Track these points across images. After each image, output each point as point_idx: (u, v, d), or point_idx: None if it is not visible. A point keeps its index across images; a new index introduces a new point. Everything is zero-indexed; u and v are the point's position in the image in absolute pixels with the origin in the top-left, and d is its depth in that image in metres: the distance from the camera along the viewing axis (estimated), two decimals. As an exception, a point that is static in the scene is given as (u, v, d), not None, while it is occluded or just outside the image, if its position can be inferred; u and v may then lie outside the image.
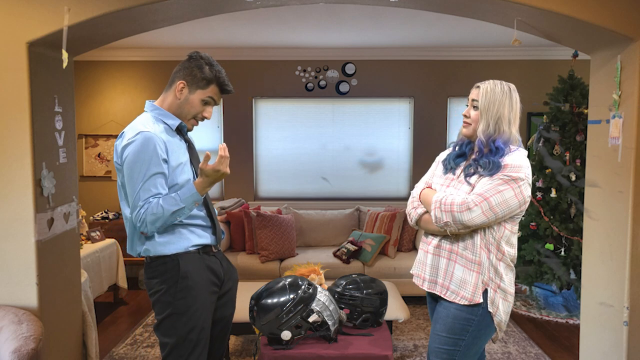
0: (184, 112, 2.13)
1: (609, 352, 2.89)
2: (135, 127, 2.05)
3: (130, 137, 2.01)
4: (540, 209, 4.70)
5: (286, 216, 5.24)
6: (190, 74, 2.10)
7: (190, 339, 2.06)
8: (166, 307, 2.05)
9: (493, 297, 2.00)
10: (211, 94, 2.13)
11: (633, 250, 2.74)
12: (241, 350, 3.92)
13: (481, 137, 2.06)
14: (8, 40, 2.56)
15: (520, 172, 1.98)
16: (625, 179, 2.76)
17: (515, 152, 2.05)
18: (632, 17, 2.64)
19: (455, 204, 1.98)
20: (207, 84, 2.11)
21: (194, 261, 2.07)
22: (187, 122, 2.17)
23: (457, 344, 2.02)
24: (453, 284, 2.04)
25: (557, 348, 4.00)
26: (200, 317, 2.07)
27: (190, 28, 4.62)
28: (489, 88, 2.08)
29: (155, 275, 2.07)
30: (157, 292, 2.06)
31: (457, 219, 1.97)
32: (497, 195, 1.95)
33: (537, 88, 5.68)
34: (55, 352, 2.81)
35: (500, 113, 2.05)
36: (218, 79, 2.12)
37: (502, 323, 2.03)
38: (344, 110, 6.05)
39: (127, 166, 2.00)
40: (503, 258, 2.01)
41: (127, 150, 2.00)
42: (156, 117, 2.13)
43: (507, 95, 2.07)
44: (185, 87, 2.10)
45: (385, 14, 4.20)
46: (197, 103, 2.12)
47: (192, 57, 2.13)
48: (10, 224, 2.63)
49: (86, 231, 4.66)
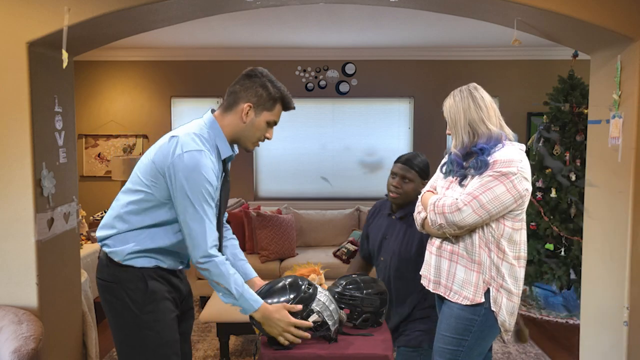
0: (249, 135, 1.99)
1: (609, 352, 2.89)
2: (194, 138, 1.88)
3: (190, 148, 1.84)
4: (540, 209, 4.70)
5: (286, 216, 5.24)
6: (256, 94, 1.95)
7: (163, 353, 1.96)
8: (132, 319, 1.93)
9: (495, 296, 1.99)
10: (277, 114, 2.02)
11: (633, 250, 2.74)
12: (241, 350, 3.92)
13: (455, 151, 2.07)
14: (8, 40, 2.55)
15: (511, 167, 1.94)
16: (625, 179, 2.76)
17: (505, 148, 2.01)
18: (632, 17, 2.64)
19: (446, 205, 1.98)
20: (274, 104, 1.99)
21: (160, 278, 1.96)
22: (249, 145, 2.03)
23: (460, 344, 2.02)
24: (455, 284, 2.04)
25: (557, 348, 4.00)
26: (169, 330, 1.97)
27: (190, 28, 4.62)
28: (449, 104, 2.09)
29: (116, 281, 1.94)
30: (117, 299, 1.93)
31: (449, 220, 1.96)
32: (487, 193, 1.93)
33: (537, 88, 5.67)
34: (55, 352, 2.81)
35: (470, 119, 2.03)
36: (283, 98, 2.00)
37: (507, 323, 2.02)
38: (344, 110, 6.05)
39: (185, 180, 1.83)
40: (505, 257, 2.00)
41: (185, 162, 1.83)
42: (213, 140, 1.95)
43: (468, 99, 2.04)
44: (252, 110, 1.95)
45: (385, 14, 4.20)
46: (263, 126, 1.99)
47: (252, 75, 1.97)
48: (10, 224, 2.63)
49: (86, 231, 4.66)
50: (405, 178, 2.53)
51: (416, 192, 2.52)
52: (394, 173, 2.58)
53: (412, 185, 2.54)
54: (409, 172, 2.54)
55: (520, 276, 2.05)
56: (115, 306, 1.96)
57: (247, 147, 2.05)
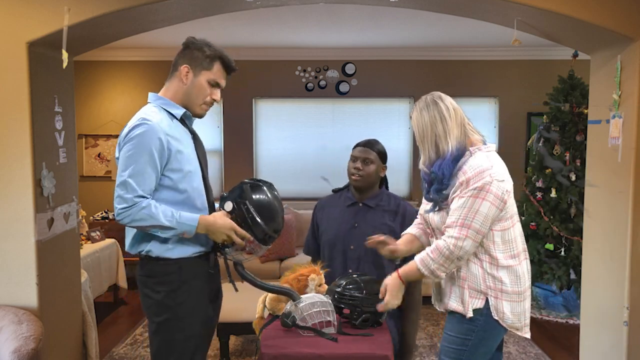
0: (192, 97, 2.05)
1: (609, 352, 2.89)
2: (137, 116, 1.99)
3: (132, 125, 1.95)
4: (540, 209, 4.70)
5: (286, 216, 5.23)
6: (192, 56, 2.03)
7: (188, 346, 2.02)
8: (164, 311, 1.99)
9: (495, 304, 1.97)
10: (217, 73, 2.05)
11: (633, 250, 2.74)
12: (241, 350, 3.92)
13: (424, 169, 2.04)
14: (8, 40, 2.56)
15: (484, 177, 1.90)
16: (625, 179, 2.76)
17: (473, 157, 1.97)
18: (632, 17, 2.64)
19: (441, 249, 1.93)
20: (211, 62, 2.03)
21: (195, 267, 2.03)
22: (197, 108, 2.08)
23: (464, 343, 2.02)
24: (452, 300, 2.05)
25: (557, 348, 4.00)
26: (198, 324, 2.03)
27: (190, 28, 4.60)
28: (416, 117, 2.04)
29: (153, 275, 2.01)
30: (155, 293, 2.00)
31: (455, 260, 1.94)
32: (477, 217, 1.90)
33: (537, 88, 5.67)
34: (55, 352, 2.81)
35: (436, 133, 1.99)
36: (221, 57, 2.05)
37: (517, 323, 1.99)
38: (344, 110, 6.05)
39: (125, 150, 1.92)
40: (499, 262, 1.96)
41: (128, 136, 1.93)
42: (159, 106, 2.04)
43: (434, 111, 2.00)
44: (190, 71, 2.02)
45: (385, 14, 4.20)
46: (205, 85, 2.04)
47: (188, 43, 2.05)
48: (10, 224, 2.63)
49: (86, 231, 4.66)
50: (367, 160, 2.55)
51: (377, 175, 2.57)
52: (354, 157, 2.59)
53: (373, 167, 2.56)
54: (370, 153, 2.57)
55: (523, 271, 2.00)
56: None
57: (195, 111, 2.09)
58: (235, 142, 5.99)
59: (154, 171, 1.94)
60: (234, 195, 2.03)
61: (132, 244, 2.04)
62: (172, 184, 1.99)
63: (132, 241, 2.04)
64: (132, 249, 2.05)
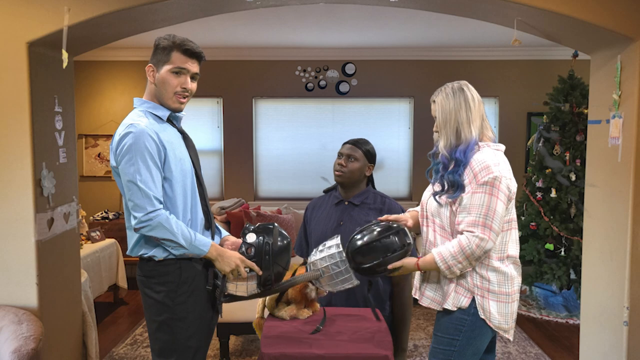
0: (162, 92, 2.06)
1: (609, 352, 2.89)
2: (125, 123, 2.00)
3: (121, 132, 1.96)
4: (540, 209, 4.70)
5: (286, 216, 5.24)
6: (154, 55, 2.07)
7: (190, 345, 2.02)
8: (164, 311, 2.00)
9: (482, 303, 1.98)
10: (177, 60, 2.04)
11: (633, 250, 2.74)
12: (241, 350, 3.92)
13: (444, 152, 2.03)
14: (8, 40, 2.56)
15: (492, 172, 1.91)
16: (625, 179, 2.76)
17: (480, 151, 1.99)
18: (632, 17, 2.64)
19: (466, 247, 1.92)
20: (169, 53, 2.03)
21: (195, 266, 2.03)
22: (170, 101, 2.07)
23: (451, 343, 2.02)
24: (439, 295, 2.07)
25: (557, 348, 4.00)
26: (199, 323, 2.04)
27: (190, 28, 4.62)
28: (441, 101, 2.05)
29: (153, 275, 2.02)
30: (155, 293, 2.01)
31: (473, 260, 1.94)
32: (496, 218, 1.92)
33: (537, 88, 5.68)
34: (55, 352, 2.81)
35: (459, 120, 2.00)
36: (174, 43, 2.03)
37: (504, 324, 1.99)
38: (344, 110, 6.05)
39: (127, 160, 1.93)
40: (489, 262, 1.97)
41: (121, 146, 1.94)
42: (145, 111, 2.06)
43: (460, 98, 2.02)
44: (155, 69, 2.06)
45: (385, 14, 4.20)
46: (169, 77, 2.04)
47: (154, 44, 2.09)
48: (10, 224, 2.63)
49: (86, 231, 4.66)
50: (351, 157, 2.57)
51: (361, 173, 2.57)
52: (340, 153, 2.62)
53: (358, 164, 2.57)
54: (356, 151, 2.58)
55: (512, 273, 2.01)
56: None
57: (169, 105, 2.09)
58: (235, 142, 5.99)
59: (159, 171, 1.97)
60: (260, 230, 2.06)
61: (135, 248, 2.04)
62: (166, 184, 2.00)
63: (136, 246, 2.04)
64: (134, 252, 2.06)
